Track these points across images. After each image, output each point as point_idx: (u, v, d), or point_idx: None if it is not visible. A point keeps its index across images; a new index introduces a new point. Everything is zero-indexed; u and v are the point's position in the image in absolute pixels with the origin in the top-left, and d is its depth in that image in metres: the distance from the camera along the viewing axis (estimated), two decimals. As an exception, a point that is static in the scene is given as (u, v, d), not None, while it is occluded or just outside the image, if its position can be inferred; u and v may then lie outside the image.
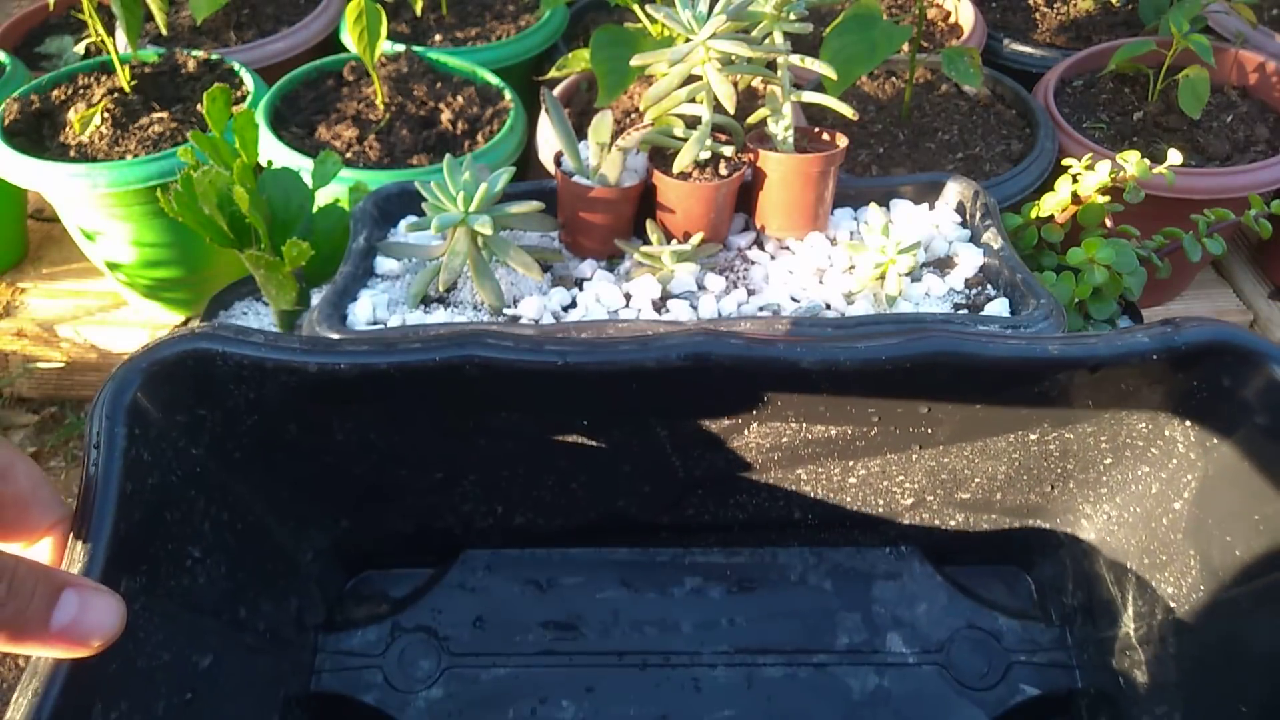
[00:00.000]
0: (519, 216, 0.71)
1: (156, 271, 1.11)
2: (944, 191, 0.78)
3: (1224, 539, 0.44)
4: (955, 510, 0.55)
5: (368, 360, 0.43)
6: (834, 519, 0.55)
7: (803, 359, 0.43)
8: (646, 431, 0.50)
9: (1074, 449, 0.50)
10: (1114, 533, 0.51)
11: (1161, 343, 0.42)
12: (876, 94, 1.15)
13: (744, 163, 0.74)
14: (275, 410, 0.45)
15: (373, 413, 0.47)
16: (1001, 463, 0.51)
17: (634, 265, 0.73)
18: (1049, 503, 0.53)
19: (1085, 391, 0.46)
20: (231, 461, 0.46)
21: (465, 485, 0.53)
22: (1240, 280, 1.26)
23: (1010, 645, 0.53)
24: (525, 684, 0.53)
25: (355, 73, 1.15)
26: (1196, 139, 1.09)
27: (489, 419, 0.48)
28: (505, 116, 1.09)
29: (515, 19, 1.31)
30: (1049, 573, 0.56)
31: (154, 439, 0.41)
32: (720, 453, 0.51)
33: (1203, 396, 0.44)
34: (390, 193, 0.76)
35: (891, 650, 0.54)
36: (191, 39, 1.30)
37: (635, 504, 0.54)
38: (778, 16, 0.72)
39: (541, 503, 0.54)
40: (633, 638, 0.54)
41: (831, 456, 0.51)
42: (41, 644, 0.31)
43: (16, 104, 1.09)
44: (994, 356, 0.43)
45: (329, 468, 0.50)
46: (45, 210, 1.30)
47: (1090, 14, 1.35)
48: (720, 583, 0.56)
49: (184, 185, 0.74)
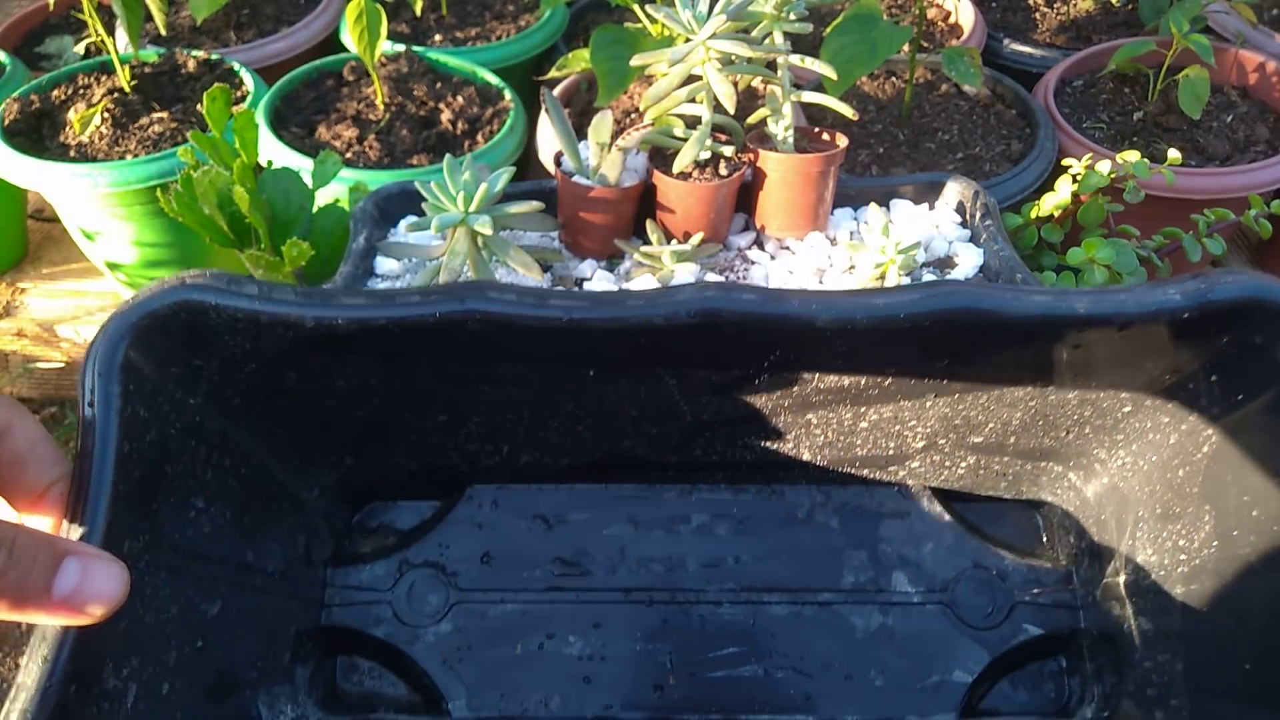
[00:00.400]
0: (519, 216, 0.71)
1: (156, 271, 1.11)
2: (944, 191, 0.78)
3: (1241, 497, 0.43)
4: (967, 453, 0.53)
5: (366, 314, 0.41)
6: (843, 459, 0.54)
7: (818, 316, 0.41)
8: (654, 381, 0.48)
9: (1094, 398, 0.48)
10: (1128, 479, 0.50)
11: (1194, 299, 0.40)
12: (876, 94, 1.15)
13: (744, 163, 0.74)
14: (273, 359, 0.44)
15: (373, 362, 0.46)
16: (1018, 410, 0.50)
17: (634, 265, 0.73)
18: (1063, 447, 0.52)
19: (1110, 346, 0.44)
20: (231, 409, 0.45)
21: (470, 427, 0.52)
22: (1240, 280, 1.26)
23: (1015, 585, 0.53)
24: (533, 619, 0.54)
25: (355, 73, 1.15)
26: (1196, 139, 1.09)
27: (492, 368, 0.47)
28: (505, 116, 1.09)
29: (515, 19, 1.31)
30: (1059, 514, 0.55)
31: (149, 394, 0.40)
32: (729, 400, 0.50)
33: (1232, 352, 0.42)
34: (390, 193, 0.76)
35: (896, 589, 0.54)
36: (191, 39, 1.30)
37: (642, 445, 0.54)
38: (778, 16, 0.72)
39: (547, 443, 0.53)
40: (639, 574, 0.54)
41: (843, 404, 0.50)
42: (44, 612, 0.31)
43: (16, 104, 1.09)
44: (1017, 314, 0.41)
45: (330, 410, 0.49)
46: (45, 210, 1.30)
47: (1090, 14, 1.35)
48: (727, 520, 0.55)
49: (184, 185, 0.74)
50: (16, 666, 1.15)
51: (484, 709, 0.53)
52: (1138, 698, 0.49)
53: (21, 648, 1.13)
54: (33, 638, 0.33)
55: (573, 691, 0.53)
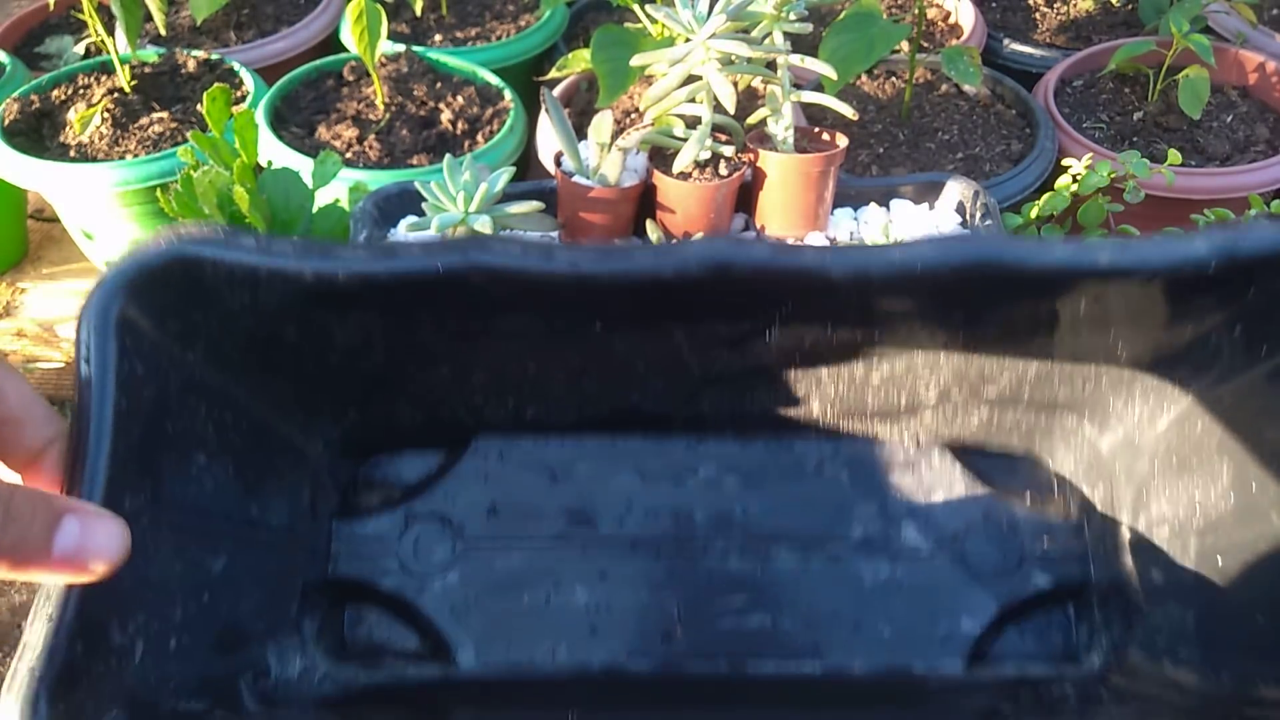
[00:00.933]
0: (519, 216, 0.71)
1: (156, 271, 1.11)
2: (944, 191, 0.78)
3: (1263, 450, 0.42)
4: (980, 405, 0.52)
5: (367, 269, 0.40)
6: (854, 412, 0.53)
7: (832, 269, 0.40)
8: (662, 335, 0.48)
9: (1113, 350, 0.47)
10: (1144, 432, 0.49)
11: (1221, 252, 0.38)
12: (876, 94, 1.15)
13: (744, 163, 0.74)
14: (272, 313, 0.43)
15: (375, 316, 0.45)
16: (1034, 363, 0.49)
17: (634, 265, 0.73)
18: (1079, 399, 0.50)
19: (1132, 298, 0.43)
20: (230, 364, 0.44)
21: (474, 380, 0.52)
22: (1240, 280, 1.26)
23: (1025, 536, 0.52)
24: (539, 570, 0.54)
25: (355, 73, 1.15)
26: (1196, 139, 1.09)
27: (497, 322, 0.46)
28: (505, 116, 1.09)
29: (515, 19, 1.31)
30: (1070, 464, 0.54)
31: (147, 351, 0.39)
32: (739, 354, 0.49)
33: (1259, 305, 0.41)
34: (390, 193, 0.76)
35: (905, 540, 0.53)
36: (191, 39, 1.30)
37: (650, 399, 0.53)
38: (778, 16, 0.72)
39: (553, 397, 0.53)
40: (646, 526, 0.54)
41: (855, 357, 0.49)
42: (45, 570, 0.30)
43: (16, 104, 1.09)
44: (1038, 266, 0.39)
45: (332, 365, 0.48)
46: (45, 210, 1.30)
47: (1090, 14, 1.35)
48: (735, 472, 0.55)
49: (184, 185, 0.74)
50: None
51: (491, 658, 0.53)
52: (1147, 646, 0.48)
53: (21, 648, 1.11)
54: (37, 596, 0.32)
55: (579, 641, 0.53)
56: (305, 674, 0.50)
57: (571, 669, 0.53)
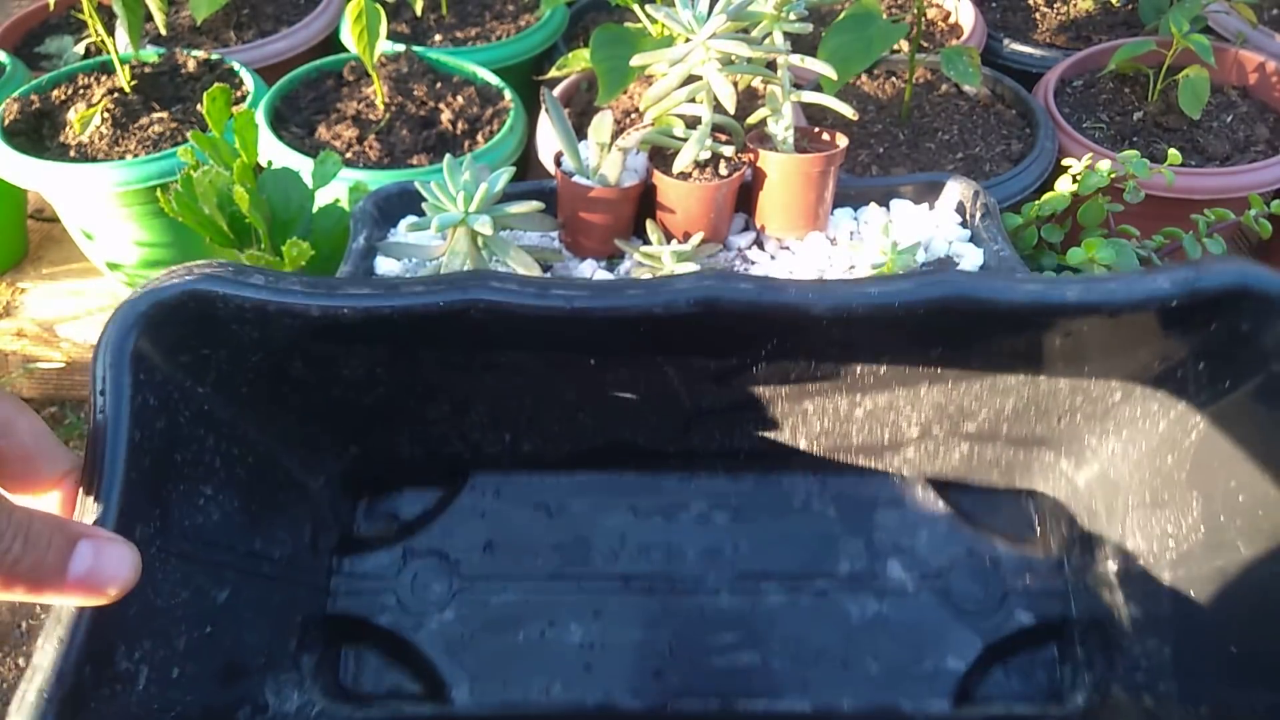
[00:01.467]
0: (519, 216, 0.71)
1: (156, 271, 1.11)
2: (944, 191, 0.78)
3: (1229, 482, 0.43)
4: (961, 440, 0.54)
5: (371, 304, 0.42)
6: (839, 448, 0.55)
7: (814, 305, 0.42)
8: (654, 369, 0.49)
9: (1085, 385, 0.49)
10: (1118, 466, 0.51)
11: (1183, 287, 0.40)
12: (876, 94, 1.15)
13: (744, 163, 0.74)
14: (280, 348, 0.44)
15: (378, 350, 0.47)
16: (1010, 397, 0.50)
17: (634, 265, 0.73)
18: (1055, 434, 0.52)
19: (1101, 334, 0.44)
20: (239, 398, 0.46)
21: (473, 415, 0.53)
22: (1240, 280, 1.26)
23: (1008, 572, 0.54)
24: (535, 607, 0.54)
25: (355, 73, 1.15)
26: (1196, 139, 1.09)
27: (495, 356, 0.48)
28: (505, 116, 1.09)
29: (515, 19, 1.31)
30: (1050, 502, 0.55)
31: (159, 383, 0.40)
32: (728, 388, 0.51)
33: (1220, 340, 0.43)
34: (390, 193, 0.76)
35: (892, 576, 0.54)
36: (191, 39, 1.30)
37: (642, 433, 0.54)
38: (778, 16, 0.72)
39: (549, 431, 0.54)
40: (639, 562, 0.55)
41: (840, 392, 0.51)
42: (60, 593, 0.32)
43: (16, 104, 1.09)
44: (1009, 302, 0.41)
45: (336, 399, 0.50)
46: (45, 210, 1.30)
47: (1090, 14, 1.35)
48: (725, 508, 0.56)
49: (184, 185, 0.74)
50: (16, 666, 1.15)
51: (486, 696, 0.53)
52: (1127, 683, 0.49)
53: (21, 648, 1.13)
54: (48, 620, 0.33)
55: (574, 678, 0.53)
56: (302, 710, 0.50)
57: (566, 707, 0.53)
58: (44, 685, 0.32)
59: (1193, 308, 0.41)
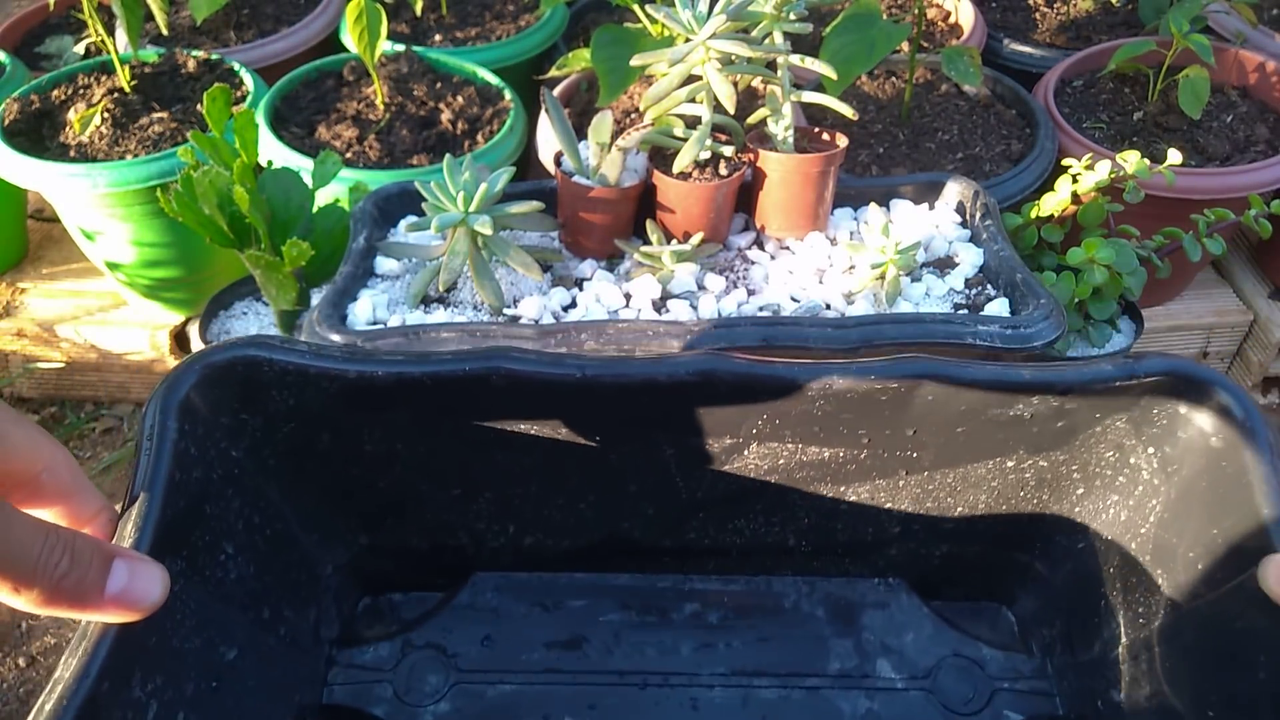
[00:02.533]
0: (519, 216, 0.71)
1: (156, 271, 1.11)
2: (944, 191, 0.78)
3: (1187, 555, 0.46)
4: (940, 540, 0.57)
5: (403, 369, 0.46)
6: (826, 546, 0.58)
7: (800, 376, 0.47)
8: (653, 450, 0.52)
9: (1048, 478, 0.53)
10: (1087, 563, 0.54)
11: (1123, 371, 0.46)
12: (876, 94, 1.15)
13: (744, 163, 0.74)
14: (312, 417, 0.48)
15: (402, 421, 0.50)
16: (982, 491, 0.54)
17: (634, 265, 0.73)
18: (1027, 534, 0.56)
19: (1056, 417, 0.49)
20: (267, 467, 0.49)
21: (481, 503, 0.55)
22: (1240, 280, 1.26)
23: (994, 673, 0.55)
24: (530, 700, 0.55)
25: (355, 73, 1.15)
26: (1196, 139, 1.09)
27: (508, 432, 0.51)
28: (505, 116, 1.09)
29: (515, 19, 1.31)
30: (1029, 607, 0.58)
31: (200, 436, 0.44)
32: (722, 473, 0.53)
33: (1163, 424, 0.48)
34: (390, 193, 0.76)
35: (881, 675, 0.56)
36: (191, 39, 1.30)
37: (639, 526, 0.57)
38: (778, 16, 0.72)
39: (551, 522, 0.56)
40: (634, 658, 0.56)
41: (824, 480, 0.54)
42: (98, 610, 0.34)
43: (16, 104, 1.09)
44: (971, 377, 0.47)
45: (355, 480, 0.53)
46: (45, 210, 1.30)
47: (1090, 14, 1.35)
48: (718, 609, 0.59)
49: (184, 185, 0.74)
50: (16, 666, 1.15)
51: None
52: None
53: (21, 648, 1.13)
54: (75, 637, 0.36)
55: None
56: None
57: None
58: (64, 694, 0.34)
59: (1134, 390, 0.46)
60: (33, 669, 1.09)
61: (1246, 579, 0.41)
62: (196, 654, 0.43)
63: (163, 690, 0.40)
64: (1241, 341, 1.28)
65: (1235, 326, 1.25)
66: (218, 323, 0.96)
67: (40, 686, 1.08)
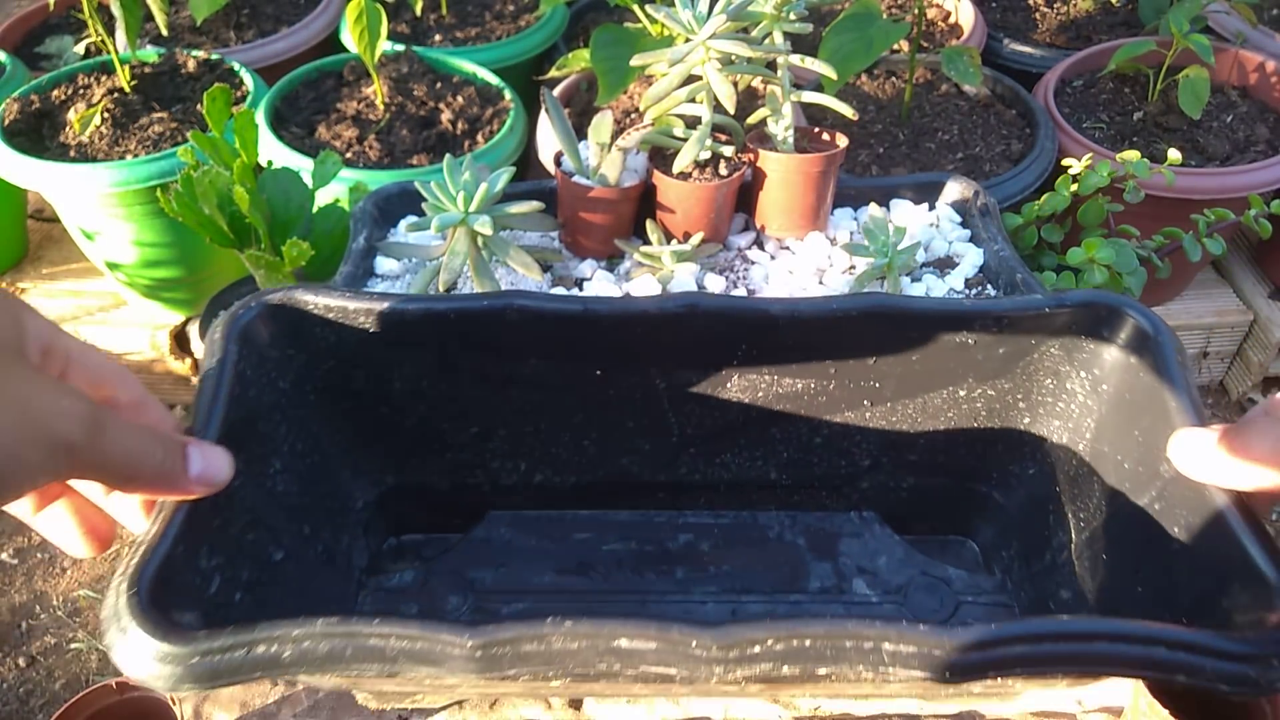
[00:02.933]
0: (519, 216, 0.71)
1: (156, 271, 1.11)
2: (944, 191, 0.78)
3: (1116, 458, 0.53)
4: (906, 472, 0.63)
5: (430, 305, 0.53)
6: (804, 480, 0.63)
7: (771, 307, 0.54)
8: (647, 384, 0.58)
9: (997, 408, 0.58)
10: (1037, 485, 0.60)
11: (1052, 300, 0.53)
12: (876, 94, 1.15)
13: (744, 163, 0.74)
14: (349, 355, 0.54)
15: (428, 360, 0.56)
16: (940, 422, 0.60)
17: (634, 265, 0.73)
18: (984, 465, 0.61)
19: (997, 344, 0.55)
20: (308, 401, 0.55)
21: (495, 440, 0.61)
22: (1240, 280, 1.26)
23: (959, 590, 0.61)
24: (541, 616, 0.59)
25: (355, 73, 1.15)
26: (1196, 139, 1.09)
27: (519, 368, 0.56)
28: (505, 116, 1.09)
29: (515, 19, 1.31)
30: (989, 536, 0.64)
31: (255, 362, 0.51)
32: (708, 406, 0.59)
33: (1090, 348, 0.54)
34: (390, 193, 0.76)
35: (857, 592, 0.61)
36: (191, 39, 1.30)
37: (637, 462, 0.62)
38: (778, 16, 0.72)
39: (558, 460, 0.62)
40: (634, 580, 0.62)
41: (799, 413, 0.60)
42: (184, 489, 0.41)
43: (16, 104, 1.09)
44: (917, 308, 0.54)
45: (384, 419, 0.59)
46: (45, 210, 1.30)
47: (1090, 14, 1.35)
48: (709, 539, 0.64)
49: (184, 185, 0.74)
50: (16, 666, 1.15)
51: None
52: None
53: (21, 648, 1.13)
54: (154, 510, 0.42)
55: None
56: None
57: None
58: (144, 550, 0.40)
59: (1062, 319, 0.53)
60: (33, 669, 1.09)
61: (1161, 467, 0.47)
62: (250, 546, 0.49)
63: (224, 569, 0.46)
64: (1241, 341, 1.28)
65: (1235, 326, 1.25)
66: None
67: (40, 686, 1.08)
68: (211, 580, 0.45)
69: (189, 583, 0.43)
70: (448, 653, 0.39)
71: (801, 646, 0.39)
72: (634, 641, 0.40)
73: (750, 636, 0.39)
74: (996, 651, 0.38)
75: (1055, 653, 0.38)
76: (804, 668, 0.39)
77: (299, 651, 0.39)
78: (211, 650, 0.38)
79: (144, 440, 0.38)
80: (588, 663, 0.40)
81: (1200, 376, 1.36)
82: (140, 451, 0.38)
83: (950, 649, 0.38)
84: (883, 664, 0.38)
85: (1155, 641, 0.37)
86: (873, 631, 0.38)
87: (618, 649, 0.40)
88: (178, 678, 0.38)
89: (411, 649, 0.39)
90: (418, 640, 0.39)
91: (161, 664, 0.38)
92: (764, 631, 0.39)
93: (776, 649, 0.39)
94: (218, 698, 0.65)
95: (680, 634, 0.39)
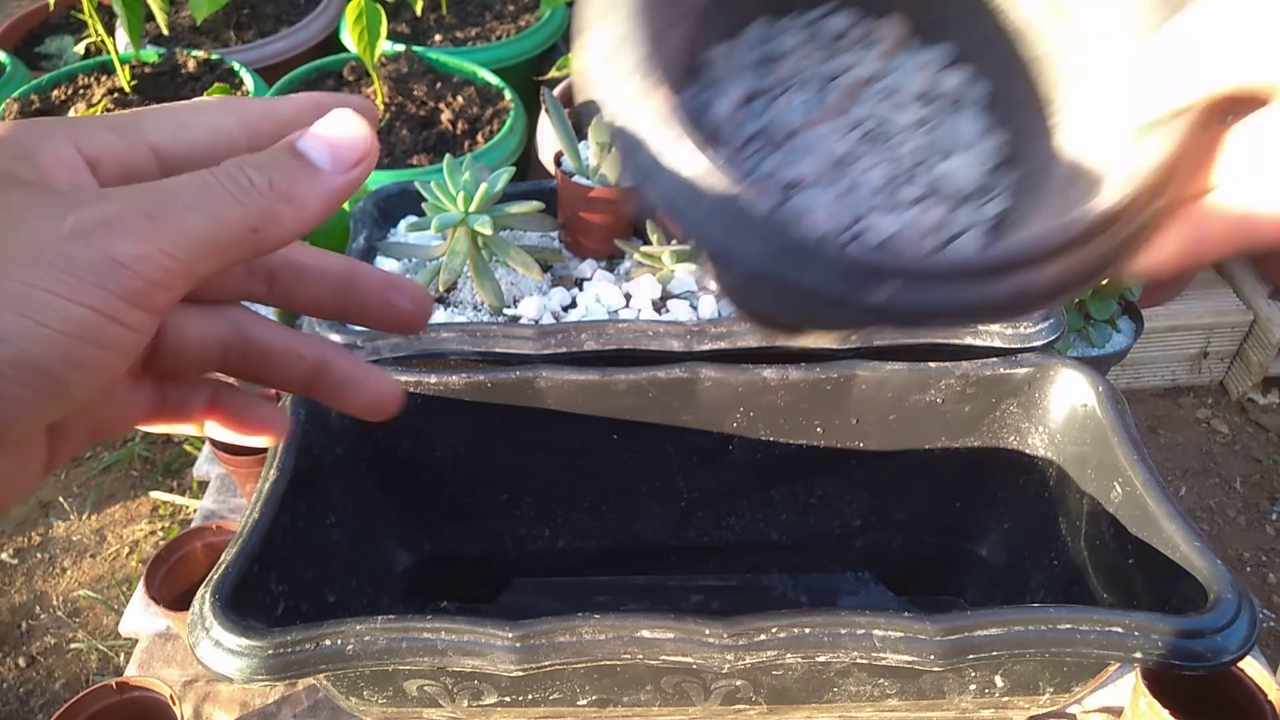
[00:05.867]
0: (519, 216, 0.71)
1: (156, 271, 1.11)
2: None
3: (1076, 500, 0.58)
4: (895, 532, 0.68)
5: (472, 376, 0.59)
6: (802, 541, 0.68)
7: (764, 371, 0.59)
8: (658, 449, 0.62)
9: (970, 466, 0.63)
10: (1015, 538, 0.65)
11: (1006, 364, 0.60)
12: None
13: (744, 163, 0.74)
14: (397, 424, 0.58)
15: (466, 426, 0.61)
16: (921, 480, 0.64)
17: (634, 265, 0.73)
18: (965, 523, 0.66)
19: (963, 404, 0.61)
20: (359, 470, 0.60)
21: (523, 507, 0.66)
22: (1240, 280, 1.26)
23: None
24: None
25: (355, 73, 1.15)
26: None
27: (545, 433, 0.61)
28: (505, 116, 1.09)
29: (515, 19, 1.31)
30: (975, 594, 0.69)
31: (320, 427, 0.57)
32: (712, 470, 0.64)
33: (1045, 405, 0.60)
34: (390, 193, 0.76)
35: None
36: (191, 39, 1.30)
37: (650, 526, 0.67)
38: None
39: (580, 525, 0.67)
40: None
41: (795, 474, 0.65)
42: (328, 198, 0.24)
43: (16, 104, 1.09)
44: (886, 371, 0.59)
45: (424, 488, 0.64)
46: (45, 210, 1.29)
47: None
48: (718, 599, 0.69)
49: (184, 185, 0.74)
50: (16, 666, 1.15)
51: None
52: None
53: (21, 648, 1.13)
54: (244, 514, 0.49)
55: None
56: None
57: None
58: (228, 565, 0.46)
59: (1017, 380, 0.60)
60: (33, 669, 1.09)
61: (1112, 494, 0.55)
62: (310, 583, 0.54)
63: (288, 596, 0.50)
64: (1241, 341, 1.28)
65: (1235, 326, 1.25)
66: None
67: (40, 686, 1.08)
68: (278, 604, 0.50)
69: (261, 601, 0.48)
70: (491, 644, 0.44)
71: (802, 634, 0.44)
72: (655, 632, 0.45)
73: (757, 625, 0.45)
74: (974, 635, 0.44)
75: (1026, 635, 0.44)
76: (805, 652, 0.44)
77: (361, 645, 0.43)
78: (285, 644, 0.43)
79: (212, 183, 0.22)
80: (614, 652, 0.44)
81: (1200, 376, 1.36)
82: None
83: (932, 632, 0.44)
84: (874, 648, 0.44)
85: (1111, 622, 0.44)
86: (864, 619, 0.44)
87: (640, 639, 0.44)
88: (253, 669, 0.42)
89: (459, 641, 0.43)
90: (465, 634, 0.44)
91: (239, 657, 0.43)
92: (769, 621, 0.45)
93: (780, 636, 0.44)
94: (218, 698, 0.65)
95: (695, 624, 0.45)
